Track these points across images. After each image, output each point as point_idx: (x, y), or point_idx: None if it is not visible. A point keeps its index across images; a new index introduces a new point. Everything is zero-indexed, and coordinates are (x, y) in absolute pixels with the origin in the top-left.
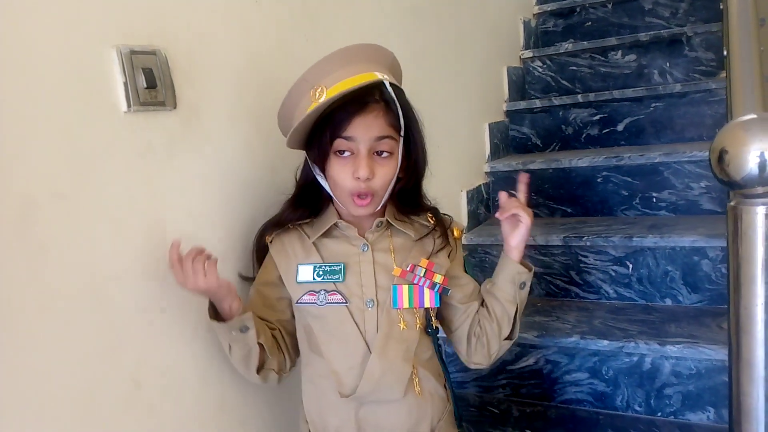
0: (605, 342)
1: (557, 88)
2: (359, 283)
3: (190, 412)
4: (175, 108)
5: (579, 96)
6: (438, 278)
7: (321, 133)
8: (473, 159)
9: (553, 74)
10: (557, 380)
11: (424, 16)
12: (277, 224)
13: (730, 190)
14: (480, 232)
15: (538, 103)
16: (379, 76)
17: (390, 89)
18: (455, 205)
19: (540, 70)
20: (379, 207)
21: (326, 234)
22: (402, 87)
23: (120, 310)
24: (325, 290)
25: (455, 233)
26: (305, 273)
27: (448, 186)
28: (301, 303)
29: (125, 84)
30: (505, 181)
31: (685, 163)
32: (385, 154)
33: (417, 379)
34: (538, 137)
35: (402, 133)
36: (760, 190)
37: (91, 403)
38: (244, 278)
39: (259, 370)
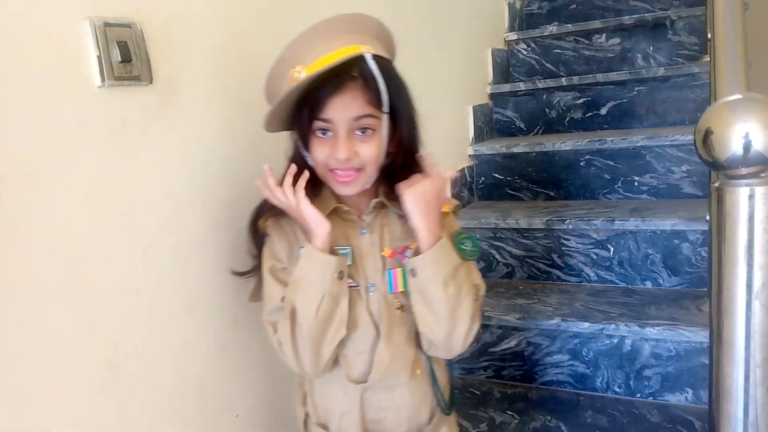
0: (586, 324)
1: (541, 71)
2: (362, 266)
3: (169, 396)
4: (151, 83)
5: (563, 79)
6: None
7: (300, 115)
8: (457, 142)
9: (537, 57)
10: (538, 362)
11: None
12: (273, 208)
13: (715, 171)
14: (463, 215)
15: (522, 86)
16: (362, 48)
17: (372, 62)
18: None
19: (524, 52)
20: (369, 185)
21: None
22: (395, 54)
23: (95, 291)
24: None
25: (444, 209)
26: None
27: None
28: None
29: (99, 58)
30: (488, 164)
31: (667, 147)
32: (368, 131)
33: (417, 362)
34: (521, 120)
35: (386, 108)
36: (744, 170)
37: (67, 385)
38: (239, 274)
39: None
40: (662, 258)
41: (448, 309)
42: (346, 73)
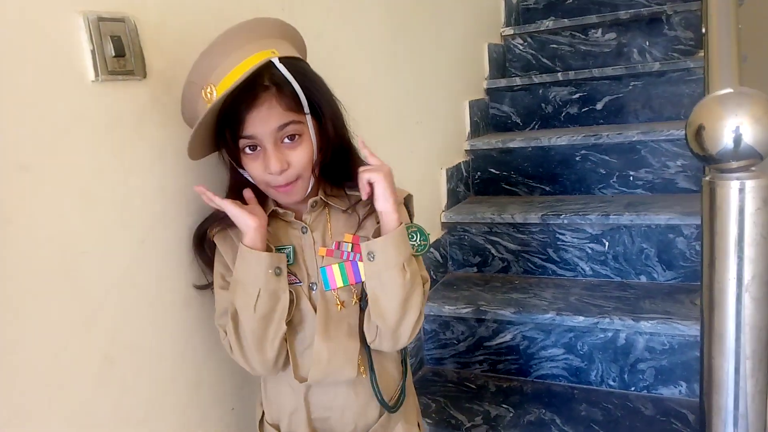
0: (581, 318)
1: (537, 66)
2: (304, 265)
3: (165, 389)
4: (144, 78)
5: (559, 74)
6: None
7: (224, 135)
8: (453, 137)
9: (533, 52)
10: (533, 356)
11: None
12: (220, 221)
13: (706, 165)
14: (459, 210)
15: (518, 81)
16: (268, 53)
17: (281, 67)
18: (434, 183)
19: (520, 47)
20: (309, 189)
21: (269, 221)
22: (305, 49)
23: (90, 285)
24: None
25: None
26: None
27: (427, 164)
28: None
29: (92, 52)
30: (484, 159)
31: (662, 142)
32: (296, 138)
33: (362, 360)
34: (518, 115)
35: (307, 109)
36: (734, 164)
37: (62, 379)
38: (199, 287)
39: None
40: (657, 252)
41: (403, 296)
42: (258, 85)
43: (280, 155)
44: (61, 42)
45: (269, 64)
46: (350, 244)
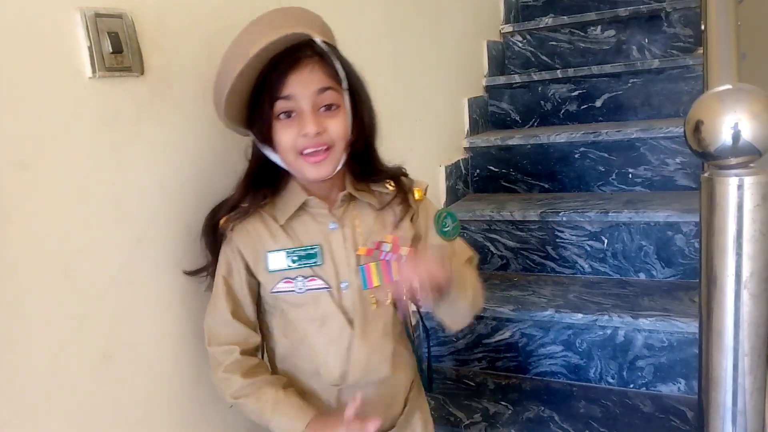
0: (579, 315)
1: (537, 63)
2: (334, 264)
3: (163, 387)
4: (142, 74)
5: (558, 71)
6: (404, 251)
7: (259, 102)
8: (452, 134)
9: (532, 49)
10: (532, 353)
11: None
12: (238, 210)
13: (705, 162)
14: (458, 208)
15: (517, 79)
16: (309, 32)
17: (321, 44)
18: (433, 181)
19: (520, 45)
20: (338, 168)
21: (291, 219)
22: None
23: (88, 282)
24: (302, 276)
25: (416, 195)
26: (277, 260)
27: (426, 161)
28: (276, 292)
29: (90, 48)
30: (483, 157)
31: (661, 139)
32: (333, 108)
33: (395, 355)
34: (517, 113)
35: (345, 85)
36: (733, 161)
37: (59, 376)
38: (190, 273)
39: None
40: (656, 250)
41: (471, 306)
42: (300, 52)
43: (318, 119)
44: (59, 38)
45: (310, 40)
46: (389, 245)
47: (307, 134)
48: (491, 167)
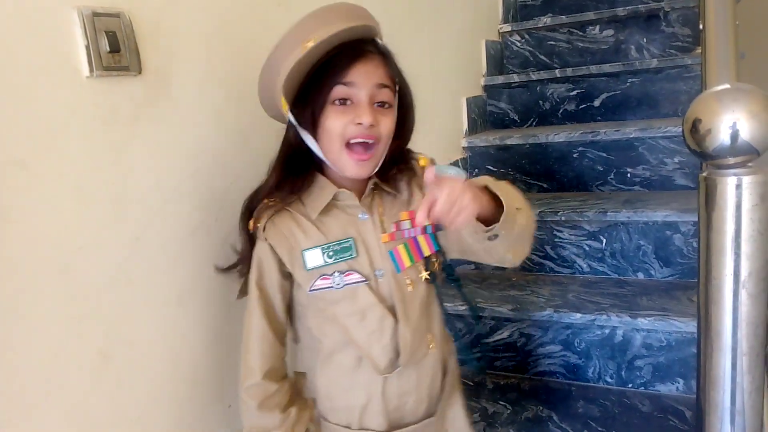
0: (578, 315)
1: (535, 62)
2: (369, 255)
3: (161, 386)
4: (140, 73)
5: (557, 71)
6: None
7: (316, 84)
8: (450, 134)
9: (531, 49)
10: (531, 353)
11: None
12: (268, 198)
13: (703, 161)
14: None
15: (516, 78)
16: (372, 24)
17: (381, 44)
18: None
19: (518, 44)
20: (378, 168)
21: (320, 215)
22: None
23: (86, 281)
24: (338, 271)
25: (421, 162)
26: (314, 257)
27: None
28: (315, 290)
29: (87, 47)
30: (482, 156)
31: (659, 139)
32: (386, 106)
33: (430, 333)
34: (515, 112)
35: (398, 88)
36: (731, 160)
37: (57, 375)
38: (221, 270)
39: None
40: (654, 249)
41: (527, 218)
42: (366, 45)
43: (373, 111)
44: (56, 37)
45: (373, 38)
46: (408, 221)
47: (362, 123)
48: (490, 167)
